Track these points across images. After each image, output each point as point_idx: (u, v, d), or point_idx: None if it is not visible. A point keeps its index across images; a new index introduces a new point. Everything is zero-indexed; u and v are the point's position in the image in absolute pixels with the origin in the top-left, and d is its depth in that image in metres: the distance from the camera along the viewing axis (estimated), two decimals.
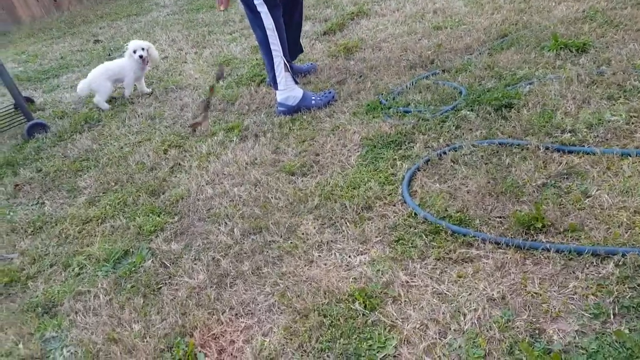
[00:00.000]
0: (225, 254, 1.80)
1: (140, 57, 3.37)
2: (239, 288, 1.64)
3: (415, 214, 1.75)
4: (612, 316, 1.26)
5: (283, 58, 2.66)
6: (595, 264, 1.42)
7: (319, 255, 1.69)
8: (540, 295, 1.37)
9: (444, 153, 2.05)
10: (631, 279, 1.33)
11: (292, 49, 3.01)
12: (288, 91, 2.71)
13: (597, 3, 3.22)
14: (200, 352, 1.44)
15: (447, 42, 3.18)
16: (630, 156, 1.78)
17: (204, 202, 2.13)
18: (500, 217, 1.66)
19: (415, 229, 1.70)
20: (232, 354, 1.42)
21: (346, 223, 1.80)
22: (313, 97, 2.74)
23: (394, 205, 1.84)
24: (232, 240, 1.85)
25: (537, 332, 1.28)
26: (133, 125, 3.08)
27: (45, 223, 2.26)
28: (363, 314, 1.42)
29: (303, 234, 1.80)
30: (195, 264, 1.79)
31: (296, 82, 2.76)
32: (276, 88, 2.73)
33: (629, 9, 3.00)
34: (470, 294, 1.42)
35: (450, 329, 1.34)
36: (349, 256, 1.66)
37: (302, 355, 1.36)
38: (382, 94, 2.70)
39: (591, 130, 1.98)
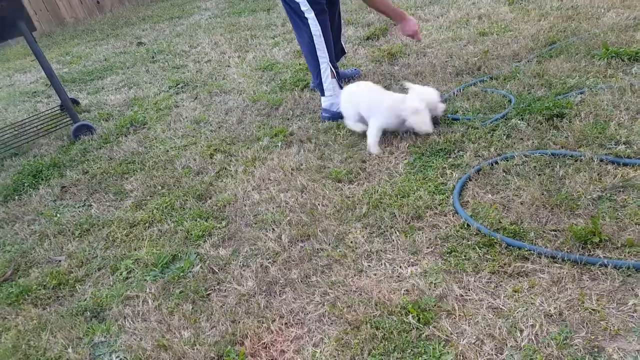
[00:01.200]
0: (274, 261, 1.81)
1: None
2: (288, 296, 1.64)
3: (467, 225, 1.73)
4: None
5: (330, 64, 2.68)
6: None
7: (369, 265, 1.69)
8: (598, 312, 1.34)
9: (496, 163, 2.02)
10: None
11: (335, 51, 3.02)
12: (333, 97, 2.72)
13: None
14: None
15: (493, 49, 3.13)
16: None
17: (251, 207, 2.16)
18: (556, 231, 1.63)
19: (468, 240, 1.68)
20: None
21: (396, 232, 1.79)
22: None
23: (445, 216, 1.82)
24: (280, 247, 1.87)
25: (596, 350, 1.25)
26: (178, 129, 3.14)
27: (93, 225, 2.30)
28: (417, 328, 1.41)
29: (352, 242, 1.80)
30: (243, 270, 1.81)
31: (341, 88, 2.76)
32: (322, 94, 2.74)
33: None
34: (526, 309, 1.40)
35: (506, 345, 1.31)
36: (400, 267, 1.65)
37: None
38: None
39: None
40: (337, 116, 2.73)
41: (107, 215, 2.37)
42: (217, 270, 1.84)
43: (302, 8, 2.58)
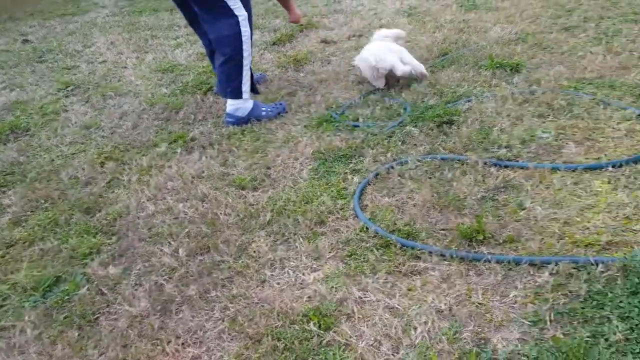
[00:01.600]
0: (170, 278, 1.71)
1: None
2: (185, 315, 1.56)
3: (366, 228, 1.78)
4: (548, 322, 1.34)
5: (250, 68, 2.62)
6: (532, 273, 1.51)
7: (272, 274, 1.66)
8: (484, 305, 1.43)
9: (392, 167, 2.10)
10: (563, 286, 1.44)
11: None
12: (242, 102, 2.65)
13: (527, 26, 3.48)
14: None
15: None
16: (559, 170, 1.93)
17: (145, 220, 2.02)
18: (445, 230, 1.73)
19: (366, 243, 1.72)
20: None
21: (299, 239, 1.79)
22: (263, 108, 2.71)
23: (346, 220, 1.85)
24: (177, 262, 1.77)
25: (483, 342, 1.33)
26: (66, 135, 2.88)
27: None
28: (318, 335, 1.40)
29: (255, 252, 1.77)
30: (136, 289, 1.68)
31: (257, 92, 2.72)
32: (238, 97, 2.64)
33: (554, 33, 3.28)
34: (420, 306, 1.45)
35: (402, 344, 1.35)
36: (303, 274, 1.65)
37: None
38: (332, 108, 2.72)
39: (524, 146, 2.12)
40: (242, 121, 2.67)
41: None
42: (106, 291, 1.69)
43: (232, 6, 2.48)
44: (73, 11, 6.17)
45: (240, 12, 2.51)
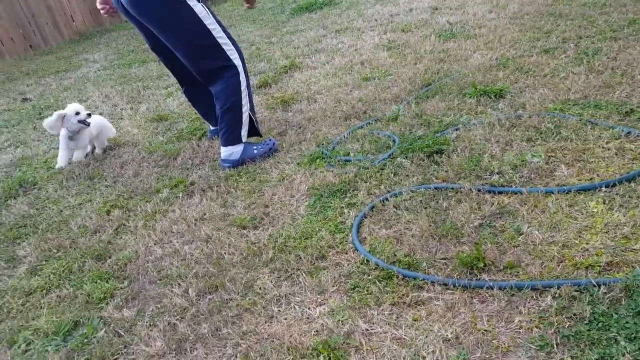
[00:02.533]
0: (182, 317, 1.76)
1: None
2: (199, 352, 1.60)
3: (367, 260, 1.82)
4: (555, 346, 1.35)
5: (250, 112, 2.73)
6: (535, 297, 1.51)
7: (279, 310, 1.70)
8: (490, 332, 1.44)
9: (386, 199, 2.14)
10: (567, 309, 1.43)
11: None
12: (233, 147, 2.74)
13: (507, 51, 3.49)
14: None
15: (376, 93, 3.34)
16: (553, 194, 1.93)
17: (154, 263, 2.08)
18: (445, 259, 1.74)
19: (368, 275, 1.76)
20: None
21: (302, 274, 1.84)
22: (255, 147, 2.79)
23: (346, 253, 1.90)
24: (187, 301, 1.82)
25: None
26: (71, 187, 2.96)
27: None
28: None
29: (260, 288, 1.81)
30: (150, 330, 1.74)
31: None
32: (239, 142, 2.73)
33: (534, 56, 3.29)
34: (426, 336, 1.47)
35: None
36: (309, 308, 1.69)
37: None
38: (323, 144, 2.79)
39: (516, 171, 2.12)
40: (237, 163, 2.75)
41: (0, 285, 2.17)
42: (122, 333, 1.75)
43: (231, 56, 2.59)
44: (66, 68, 6.35)
45: (238, 62, 2.63)
